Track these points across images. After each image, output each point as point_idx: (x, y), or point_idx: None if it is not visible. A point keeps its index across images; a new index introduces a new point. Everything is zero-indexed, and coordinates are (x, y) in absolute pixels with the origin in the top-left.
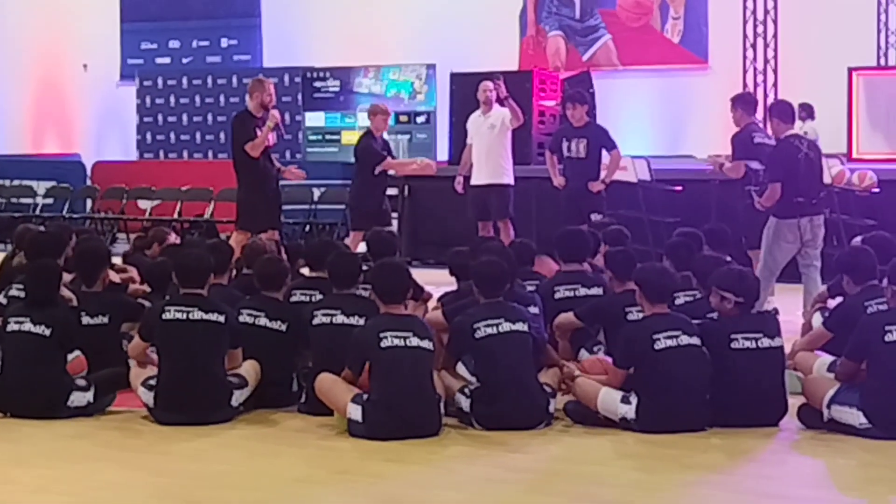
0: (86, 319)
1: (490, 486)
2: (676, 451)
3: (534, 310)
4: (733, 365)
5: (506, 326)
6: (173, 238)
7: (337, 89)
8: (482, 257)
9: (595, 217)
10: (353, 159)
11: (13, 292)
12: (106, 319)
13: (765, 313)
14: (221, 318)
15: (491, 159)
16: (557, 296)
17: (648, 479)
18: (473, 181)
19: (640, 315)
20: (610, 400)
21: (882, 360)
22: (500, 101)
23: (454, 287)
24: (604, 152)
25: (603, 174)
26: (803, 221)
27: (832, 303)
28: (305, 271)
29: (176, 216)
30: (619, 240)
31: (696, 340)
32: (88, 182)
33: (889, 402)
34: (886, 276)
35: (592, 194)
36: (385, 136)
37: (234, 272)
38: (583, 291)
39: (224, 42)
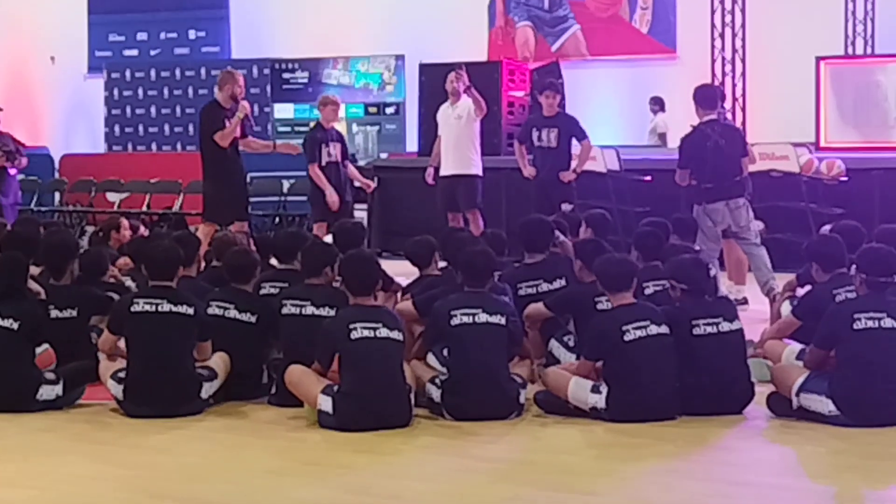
0: (54, 313)
1: (460, 476)
2: (645, 439)
3: (504, 299)
4: (696, 351)
5: (482, 318)
6: (126, 224)
7: (306, 81)
8: (471, 246)
9: (566, 207)
10: None
11: None
12: (74, 312)
13: (721, 298)
14: (190, 311)
15: (458, 150)
16: (521, 293)
17: (617, 467)
18: (442, 172)
19: (609, 305)
20: (580, 389)
21: (851, 348)
22: (463, 92)
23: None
24: (574, 142)
25: (574, 164)
26: (718, 206)
27: (801, 291)
28: (275, 263)
29: (144, 209)
30: (603, 224)
31: (664, 329)
32: (56, 175)
33: (858, 389)
34: (855, 264)
35: (563, 184)
36: (337, 126)
37: (203, 264)
38: (545, 287)
39: (192, 34)
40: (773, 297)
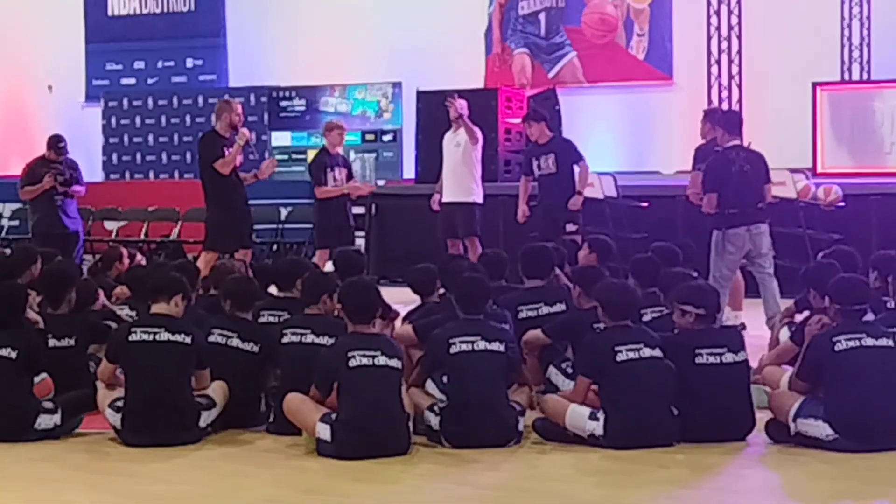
0: (52, 342)
1: None
2: (644, 466)
3: (503, 326)
4: (697, 380)
5: (481, 345)
6: (126, 255)
7: (303, 108)
8: (465, 273)
9: (570, 227)
10: None
11: None
12: (72, 341)
13: (729, 328)
14: (188, 339)
15: (456, 177)
16: (521, 315)
17: (615, 494)
18: (443, 199)
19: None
20: (578, 416)
21: (837, 371)
22: (455, 119)
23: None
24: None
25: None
26: (740, 231)
27: (799, 317)
28: (273, 291)
29: (142, 237)
30: (607, 250)
31: (658, 353)
32: None
33: (851, 411)
34: (827, 296)
35: (567, 207)
36: (342, 151)
37: (201, 292)
38: (545, 310)
39: (189, 62)
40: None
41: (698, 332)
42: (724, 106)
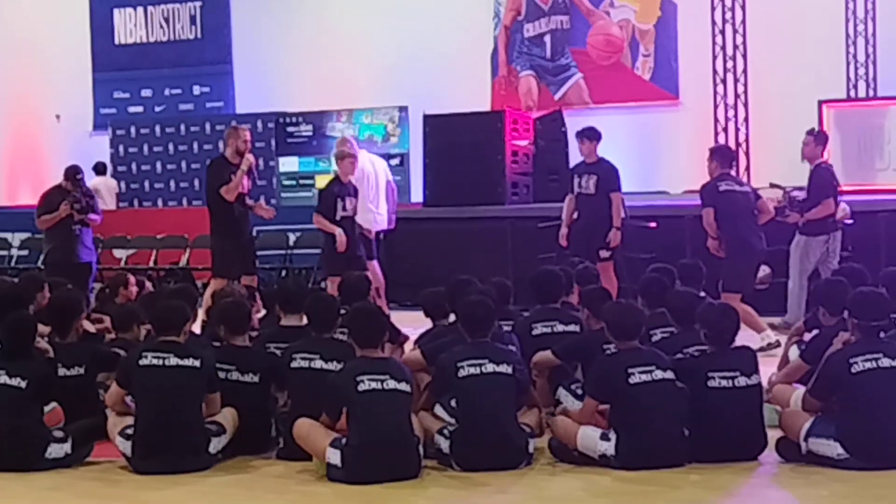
0: (62, 371)
1: None
2: (655, 487)
3: (510, 348)
4: (709, 403)
5: (489, 367)
6: (133, 282)
7: (310, 134)
8: (468, 297)
9: (603, 254)
10: None
11: None
12: (82, 370)
13: (742, 349)
14: (197, 363)
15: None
16: (535, 332)
17: None
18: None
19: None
20: (589, 438)
21: (852, 392)
22: None
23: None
24: None
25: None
26: None
27: (808, 336)
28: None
29: (151, 264)
30: (590, 279)
31: (669, 375)
32: None
33: (864, 431)
34: (847, 309)
35: (603, 231)
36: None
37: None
38: (560, 328)
39: (196, 89)
40: None
41: (710, 356)
42: (731, 125)
